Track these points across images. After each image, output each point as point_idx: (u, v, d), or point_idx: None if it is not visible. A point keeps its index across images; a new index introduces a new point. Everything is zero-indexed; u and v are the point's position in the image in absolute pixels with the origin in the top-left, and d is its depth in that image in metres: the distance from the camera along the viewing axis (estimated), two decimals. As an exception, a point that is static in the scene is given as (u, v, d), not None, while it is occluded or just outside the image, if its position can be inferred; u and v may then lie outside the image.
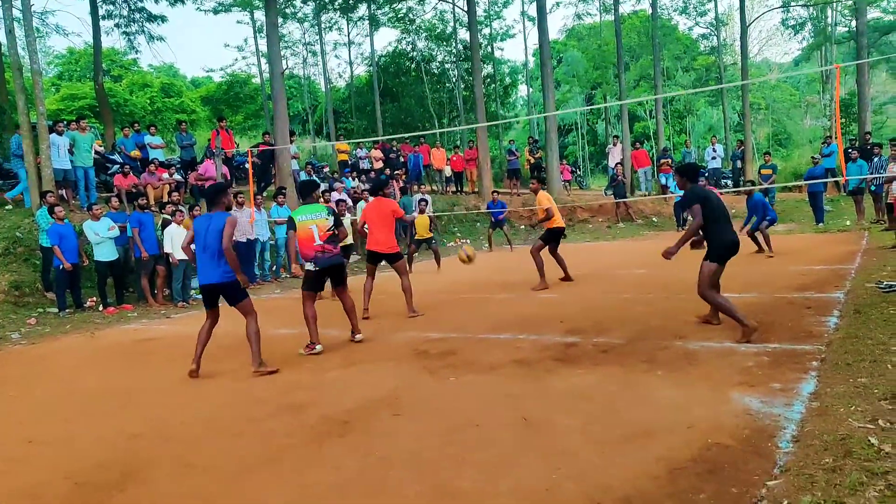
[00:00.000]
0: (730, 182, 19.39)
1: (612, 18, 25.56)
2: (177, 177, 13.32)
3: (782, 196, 17.86)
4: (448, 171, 19.39)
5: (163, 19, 19.99)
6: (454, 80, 29.54)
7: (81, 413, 4.28)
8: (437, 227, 16.14)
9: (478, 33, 20.45)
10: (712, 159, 19.10)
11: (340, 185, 13.89)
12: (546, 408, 3.56)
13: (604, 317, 5.93)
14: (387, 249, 6.89)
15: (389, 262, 6.95)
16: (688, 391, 3.62)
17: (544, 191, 8.49)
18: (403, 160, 18.05)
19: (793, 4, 28.17)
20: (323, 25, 28.05)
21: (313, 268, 5.60)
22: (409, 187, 17.22)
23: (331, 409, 3.86)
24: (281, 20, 24.61)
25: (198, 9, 23.76)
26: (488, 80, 29.47)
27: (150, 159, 12.93)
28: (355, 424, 3.57)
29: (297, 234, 5.57)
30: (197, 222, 5.03)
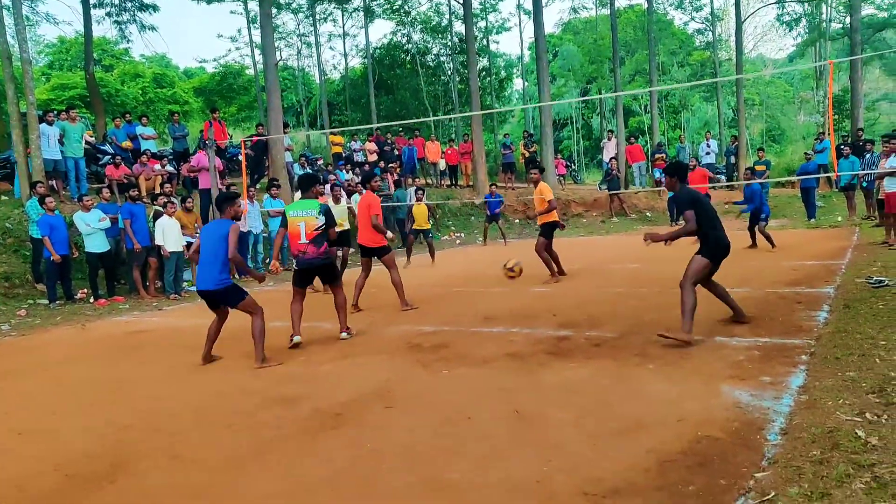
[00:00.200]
0: (723, 177, 19.47)
1: (607, 13, 25.53)
2: (169, 168, 13.21)
3: (775, 192, 17.94)
4: (443, 164, 19.34)
5: (154, 8, 19.80)
6: (449, 73, 29.42)
7: (71, 405, 4.26)
8: (436, 215, 16.11)
9: (473, 26, 20.36)
10: (706, 154, 19.17)
11: (333, 178, 13.83)
12: (538, 401, 3.57)
13: (597, 311, 5.94)
14: (369, 243, 6.87)
15: (377, 256, 6.94)
16: (679, 385, 3.64)
17: (545, 183, 8.22)
18: (398, 153, 18.00)
19: (788, 0, 28.21)
20: (317, 16, 27.84)
21: (295, 266, 5.60)
22: (404, 180, 17.15)
23: (323, 402, 3.85)
24: (275, 11, 24.41)
25: (190, -2, 23.54)
26: (483, 74, 29.38)
27: (142, 150, 12.82)
28: (348, 417, 3.56)
29: (288, 230, 5.55)
30: (203, 230, 5.16)
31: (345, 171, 15.66)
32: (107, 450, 3.33)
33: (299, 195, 5.81)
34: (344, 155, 17.85)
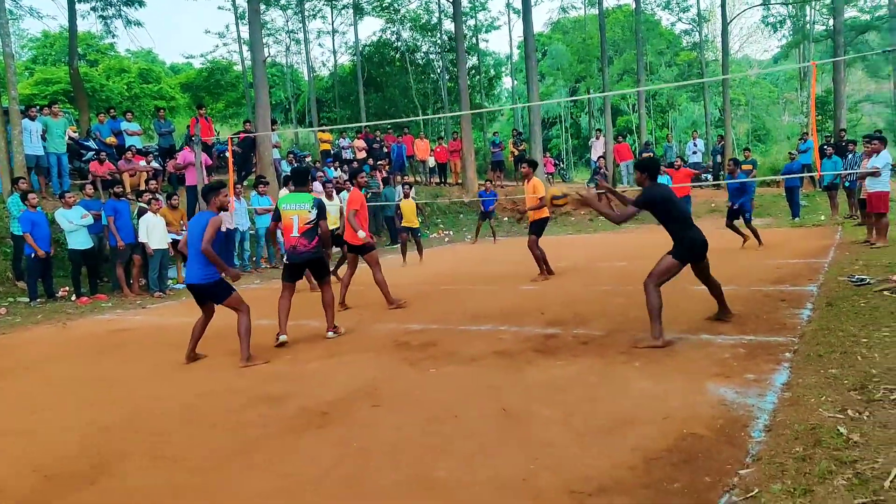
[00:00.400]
0: (710, 176, 19.66)
1: (596, 12, 25.61)
2: (154, 164, 13.05)
3: (761, 191, 18.14)
4: (432, 161, 19.31)
5: (140, 3, 19.52)
6: (439, 71, 29.37)
7: (51, 404, 4.19)
8: (424, 213, 16.05)
9: (462, 24, 20.34)
10: (693, 153, 19.36)
11: (321, 175, 13.74)
12: (525, 399, 3.57)
13: (584, 309, 5.96)
14: (352, 240, 6.85)
15: (359, 254, 6.92)
16: (665, 382, 3.66)
17: (538, 178, 8.11)
18: (387, 150, 17.93)
19: (772, 3, 28.52)
20: (306, 13, 27.65)
21: (285, 260, 5.57)
22: (392, 178, 17.09)
23: (310, 401, 3.82)
24: (263, 7, 24.19)
25: (177, -7, 23.23)
26: (473, 72, 29.37)
27: (127, 146, 12.65)
28: (334, 416, 3.54)
29: (282, 223, 5.51)
30: (190, 223, 5.06)
31: (333, 168, 15.57)
32: (88, 450, 3.27)
33: (285, 190, 5.79)
34: (332, 152, 17.75)
